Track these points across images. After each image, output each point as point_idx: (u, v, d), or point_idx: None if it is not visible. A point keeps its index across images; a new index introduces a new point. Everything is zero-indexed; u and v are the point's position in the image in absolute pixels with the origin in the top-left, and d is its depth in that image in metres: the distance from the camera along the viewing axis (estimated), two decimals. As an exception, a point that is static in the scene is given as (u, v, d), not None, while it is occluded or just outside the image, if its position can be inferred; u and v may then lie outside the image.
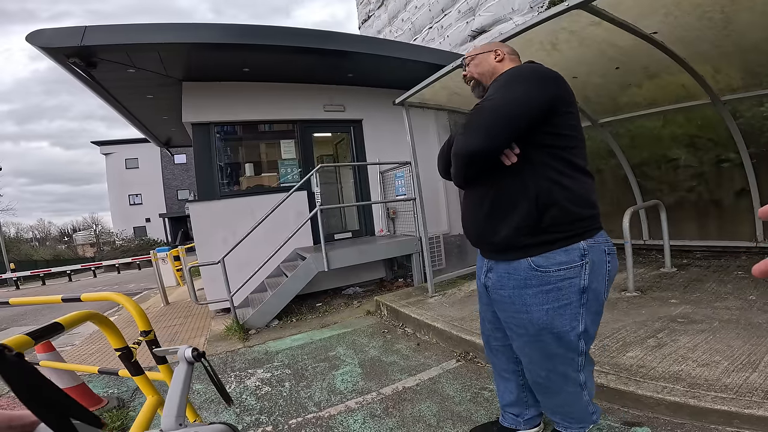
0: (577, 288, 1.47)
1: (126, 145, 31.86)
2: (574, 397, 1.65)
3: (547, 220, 1.43)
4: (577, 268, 1.45)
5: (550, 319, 1.49)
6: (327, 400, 2.76)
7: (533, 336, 1.55)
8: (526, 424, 1.94)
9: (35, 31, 4.18)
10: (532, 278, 1.49)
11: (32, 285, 19.63)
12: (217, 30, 4.88)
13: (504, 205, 1.48)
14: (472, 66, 1.74)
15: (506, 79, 1.47)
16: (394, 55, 5.82)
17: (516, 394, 1.90)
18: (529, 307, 1.52)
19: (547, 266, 1.46)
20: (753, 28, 3.23)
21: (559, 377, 1.60)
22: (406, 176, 5.92)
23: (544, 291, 1.48)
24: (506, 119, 1.37)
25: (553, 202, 1.42)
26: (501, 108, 1.37)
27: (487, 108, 1.39)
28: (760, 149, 4.31)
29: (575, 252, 1.45)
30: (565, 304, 1.48)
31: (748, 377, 2.07)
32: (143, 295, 9.87)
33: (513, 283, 1.54)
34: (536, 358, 1.60)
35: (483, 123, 1.38)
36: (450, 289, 4.86)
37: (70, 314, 1.37)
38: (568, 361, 1.56)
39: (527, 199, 1.43)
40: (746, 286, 3.55)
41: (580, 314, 1.50)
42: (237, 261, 4.94)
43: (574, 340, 1.52)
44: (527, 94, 1.38)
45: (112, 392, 3.28)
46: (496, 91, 1.43)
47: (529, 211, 1.43)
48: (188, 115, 5.67)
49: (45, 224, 48.51)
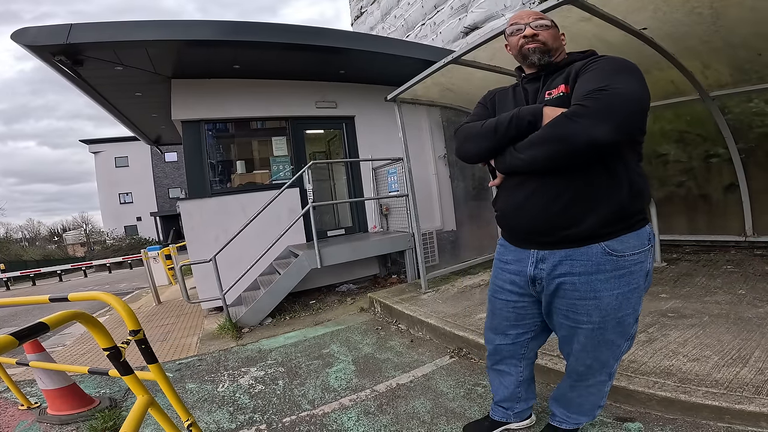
0: (644, 271, 1.48)
1: (115, 143, 31.45)
2: (598, 387, 1.67)
3: (633, 207, 1.44)
4: (645, 252, 1.47)
5: (619, 304, 1.47)
6: (321, 398, 2.75)
7: (596, 323, 1.50)
8: (516, 417, 1.97)
9: (20, 30, 4.10)
10: (606, 263, 1.44)
11: (23, 285, 19.38)
12: (206, 27, 4.82)
13: (596, 196, 1.42)
14: (548, 34, 1.57)
15: (617, 67, 1.40)
16: (386, 52, 5.80)
17: (511, 390, 1.90)
18: (598, 293, 1.47)
19: (623, 250, 1.44)
20: (742, 24, 3.26)
21: (600, 365, 1.60)
22: (398, 172, 5.92)
23: (617, 276, 1.45)
24: (639, 113, 1.33)
25: (639, 191, 1.44)
26: (637, 101, 1.31)
27: (620, 95, 1.28)
28: (748, 144, 4.35)
29: (644, 235, 1.47)
30: (633, 288, 1.47)
31: (738, 372, 2.08)
32: (135, 295, 9.78)
33: (581, 269, 1.47)
34: (590, 345, 1.56)
35: (619, 111, 1.27)
36: (443, 285, 4.87)
37: (56, 314, 1.34)
38: (614, 348, 1.56)
39: (620, 189, 1.41)
40: (736, 281, 3.59)
41: (642, 297, 1.53)
42: (229, 259, 4.90)
43: (632, 323, 1.54)
44: (646, 90, 1.34)
45: (104, 392, 3.24)
46: (613, 79, 1.33)
47: (622, 200, 1.41)
48: (178, 113, 5.61)
49: (34, 224, 47.72)
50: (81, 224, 41.15)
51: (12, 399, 3.20)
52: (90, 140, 32.79)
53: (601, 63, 1.44)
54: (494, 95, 1.77)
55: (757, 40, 3.43)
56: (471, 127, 1.62)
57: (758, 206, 4.44)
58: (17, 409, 3.06)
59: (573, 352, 1.63)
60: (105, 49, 4.43)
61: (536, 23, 1.57)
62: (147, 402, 1.69)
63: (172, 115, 5.65)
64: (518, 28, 1.60)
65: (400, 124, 4.71)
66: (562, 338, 1.66)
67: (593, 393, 1.70)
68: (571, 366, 1.69)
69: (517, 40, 1.60)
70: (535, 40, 1.56)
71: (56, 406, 2.85)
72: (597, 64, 1.44)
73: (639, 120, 1.33)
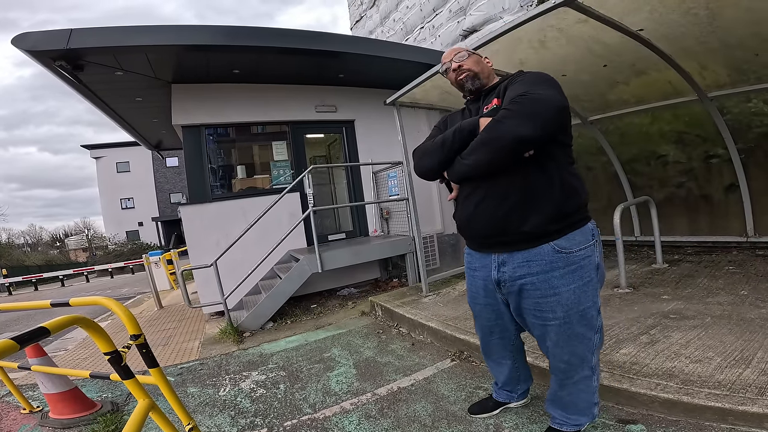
0: (593, 265, 1.66)
1: (116, 148, 31.60)
2: (585, 383, 1.76)
3: (569, 206, 1.62)
4: (591, 247, 1.66)
5: (578, 298, 1.63)
6: (322, 402, 2.75)
7: (561, 318, 1.65)
8: (519, 398, 2.25)
9: (21, 35, 4.12)
10: (558, 260, 1.62)
11: (25, 290, 19.43)
12: (206, 31, 4.85)
13: (534, 195, 1.60)
14: (469, 61, 1.87)
15: (537, 79, 1.61)
16: (384, 55, 5.81)
17: (510, 375, 2.13)
18: (556, 289, 1.63)
19: (570, 247, 1.62)
20: (738, 24, 3.26)
21: (578, 360, 1.72)
22: (398, 176, 5.92)
23: (570, 271, 1.62)
24: (556, 114, 1.51)
25: (573, 190, 1.63)
26: (555, 104, 1.49)
27: (539, 99, 1.48)
28: (748, 145, 4.35)
29: (588, 232, 1.66)
30: (588, 281, 1.65)
31: (741, 373, 2.06)
32: (136, 299, 9.78)
33: (537, 269, 1.64)
34: (561, 341, 1.70)
35: (539, 112, 1.47)
36: (444, 288, 4.86)
37: (57, 319, 1.35)
38: (586, 341, 1.70)
39: (554, 189, 1.59)
40: (738, 281, 3.59)
41: (597, 289, 1.71)
42: (230, 264, 4.91)
43: (596, 316, 1.70)
44: (565, 98, 1.54)
45: (106, 396, 3.25)
46: (534, 87, 1.53)
47: (558, 199, 1.59)
48: (178, 118, 5.63)
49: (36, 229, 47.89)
50: (83, 229, 41.20)
51: (14, 403, 3.21)
52: (91, 145, 32.93)
53: (525, 76, 1.67)
54: (446, 118, 2.05)
55: (754, 41, 3.43)
56: (425, 146, 1.88)
57: (759, 206, 4.43)
58: (20, 412, 3.07)
59: (549, 349, 1.77)
60: (105, 54, 4.45)
61: (457, 57, 1.89)
62: (148, 406, 1.69)
63: (172, 120, 5.68)
64: (447, 66, 1.92)
65: (399, 127, 4.72)
66: (537, 338, 1.81)
67: (582, 390, 1.78)
68: (552, 364, 1.82)
69: (452, 75, 1.91)
70: (462, 70, 1.86)
71: (58, 410, 2.85)
72: (521, 78, 1.67)
73: (558, 119, 1.52)
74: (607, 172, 5.78)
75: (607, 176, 5.81)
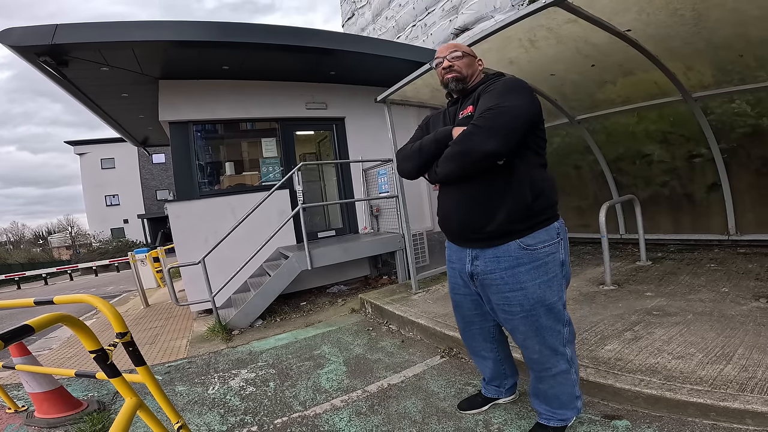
0: (558, 261, 1.75)
1: (101, 144, 31.04)
2: (564, 376, 1.82)
3: (536, 206, 1.69)
4: (555, 245, 1.74)
5: (543, 292, 1.72)
6: (312, 399, 2.75)
7: (528, 311, 1.74)
8: (506, 393, 2.28)
9: (5, 30, 4.03)
10: (524, 257, 1.71)
11: (7, 289, 19.01)
12: (194, 27, 4.77)
13: (500, 195, 1.68)
14: (462, 63, 1.87)
15: (507, 88, 1.66)
16: (375, 53, 5.80)
17: (495, 369, 2.18)
18: (523, 284, 1.71)
19: (535, 244, 1.70)
20: (723, 25, 3.32)
21: (550, 351, 1.79)
22: (388, 173, 5.93)
23: (535, 267, 1.71)
24: (522, 125, 1.59)
25: (540, 191, 1.70)
26: (519, 116, 1.58)
27: (504, 113, 1.56)
28: (730, 144, 4.44)
29: (553, 231, 1.74)
30: (552, 277, 1.74)
31: (722, 369, 2.10)
32: (122, 297, 9.65)
33: (505, 265, 1.73)
34: (530, 333, 1.78)
35: (503, 127, 1.55)
36: (434, 285, 4.89)
37: (41, 317, 1.33)
38: (555, 334, 1.77)
39: (521, 189, 1.67)
40: (719, 279, 3.66)
41: (563, 285, 1.79)
42: (218, 261, 4.86)
43: (561, 310, 1.78)
44: (533, 104, 1.63)
45: (93, 395, 3.20)
46: (502, 98, 1.61)
47: (524, 199, 1.67)
48: (165, 114, 5.55)
49: (18, 227, 46.83)
50: (66, 227, 40.47)
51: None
52: (76, 141, 32.31)
53: (497, 84, 1.72)
54: (429, 118, 2.10)
55: (739, 41, 3.50)
56: (405, 149, 1.96)
57: (740, 205, 4.53)
58: (5, 412, 3.01)
59: (521, 342, 1.85)
60: (90, 49, 4.37)
61: (451, 55, 1.87)
62: (135, 404, 1.68)
63: (159, 116, 5.60)
64: (439, 62, 1.92)
65: (390, 125, 4.72)
66: (510, 331, 1.89)
67: (562, 383, 1.83)
68: (526, 356, 1.89)
69: (440, 71, 1.92)
70: (451, 70, 1.87)
71: (44, 410, 2.81)
72: (494, 86, 1.72)
73: (525, 129, 1.61)
74: (594, 170, 5.85)
75: (593, 175, 5.88)
